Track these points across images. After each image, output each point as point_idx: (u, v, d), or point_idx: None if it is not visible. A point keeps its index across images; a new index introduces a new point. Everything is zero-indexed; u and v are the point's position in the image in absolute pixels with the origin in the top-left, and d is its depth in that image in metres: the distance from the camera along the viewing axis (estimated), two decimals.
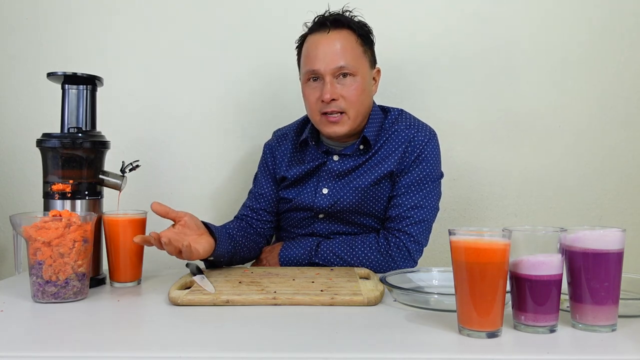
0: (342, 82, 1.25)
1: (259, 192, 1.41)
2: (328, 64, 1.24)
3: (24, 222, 0.93)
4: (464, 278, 0.75)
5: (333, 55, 1.24)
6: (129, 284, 1.09)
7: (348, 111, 1.26)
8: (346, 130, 1.27)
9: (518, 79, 1.67)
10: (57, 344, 0.74)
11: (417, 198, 1.28)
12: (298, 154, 1.38)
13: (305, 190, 1.34)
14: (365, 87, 1.28)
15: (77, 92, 1.11)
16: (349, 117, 1.26)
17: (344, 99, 1.25)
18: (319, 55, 1.25)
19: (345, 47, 1.25)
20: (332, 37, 1.26)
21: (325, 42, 1.26)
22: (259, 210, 1.40)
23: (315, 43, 1.27)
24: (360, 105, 1.27)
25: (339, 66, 1.24)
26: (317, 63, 1.25)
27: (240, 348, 0.72)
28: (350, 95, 1.25)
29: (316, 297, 0.92)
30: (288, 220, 1.39)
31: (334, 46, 1.25)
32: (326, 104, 1.25)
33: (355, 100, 1.25)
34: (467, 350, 0.71)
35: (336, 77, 1.25)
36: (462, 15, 1.66)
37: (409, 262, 1.25)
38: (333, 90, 1.24)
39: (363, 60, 1.28)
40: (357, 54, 1.26)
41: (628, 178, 1.67)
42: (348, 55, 1.25)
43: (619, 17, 1.65)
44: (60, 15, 1.68)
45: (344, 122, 1.27)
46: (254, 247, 1.33)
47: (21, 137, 1.68)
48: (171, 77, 1.69)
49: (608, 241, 0.77)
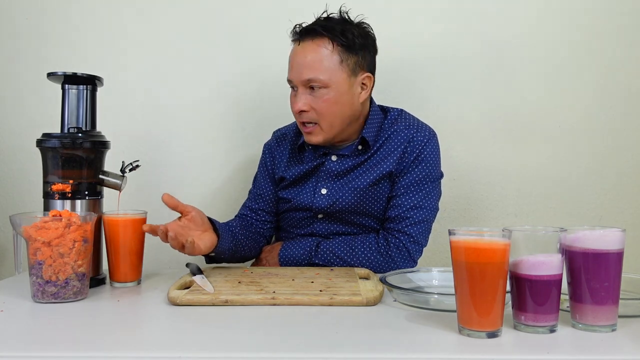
0: (314, 94, 1.23)
1: (258, 193, 1.41)
2: (298, 75, 1.24)
3: (24, 222, 0.93)
4: (464, 278, 0.75)
5: (302, 68, 1.23)
6: (129, 284, 1.09)
7: (320, 122, 1.25)
8: (321, 140, 1.27)
9: (518, 79, 1.67)
10: (57, 344, 0.74)
11: (416, 198, 1.28)
12: (297, 154, 1.38)
13: (304, 191, 1.34)
14: (340, 98, 1.24)
15: (77, 92, 1.11)
16: (322, 128, 1.26)
17: (315, 111, 1.24)
18: (293, 66, 1.26)
19: (314, 59, 1.22)
20: (304, 48, 1.24)
21: (297, 54, 1.25)
22: (258, 210, 1.40)
23: (292, 53, 1.28)
24: (333, 116, 1.25)
25: (307, 79, 1.22)
26: (290, 73, 1.26)
27: (239, 348, 0.72)
28: (320, 108, 1.24)
29: (315, 297, 0.92)
30: (287, 220, 1.39)
31: (304, 58, 1.23)
32: (299, 115, 1.26)
33: (325, 112, 1.24)
34: (467, 350, 0.71)
35: (308, 89, 1.24)
36: (462, 15, 1.66)
37: (409, 262, 1.25)
38: (303, 102, 1.24)
39: (338, 70, 1.23)
40: (330, 65, 1.22)
41: (628, 178, 1.67)
42: (318, 68, 1.22)
43: (619, 16, 1.65)
44: (61, 15, 1.68)
45: (317, 132, 1.26)
46: (255, 246, 1.34)
47: (21, 137, 1.68)
48: (171, 77, 1.68)
49: (608, 241, 0.77)
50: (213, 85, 1.69)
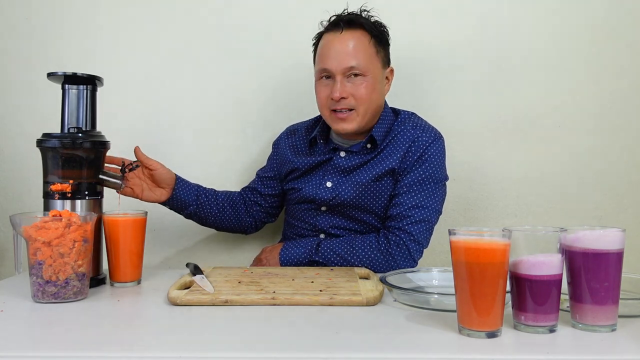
0: (353, 81, 1.28)
1: (261, 175, 1.50)
2: (339, 63, 1.27)
3: (24, 222, 0.93)
4: (464, 278, 0.75)
5: (344, 55, 1.27)
6: (129, 284, 1.09)
7: (357, 108, 1.29)
8: (355, 127, 1.30)
9: (518, 79, 1.66)
10: (57, 344, 0.74)
11: (418, 198, 1.28)
12: (307, 149, 1.42)
13: (311, 183, 1.37)
14: (376, 87, 1.30)
15: (77, 92, 1.11)
16: (358, 113, 1.29)
17: (354, 97, 1.28)
18: (331, 54, 1.28)
19: (357, 47, 1.27)
20: (345, 37, 1.29)
21: (338, 42, 1.29)
22: (254, 190, 1.49)
23: (329, 42, 1.30)
24: (370, 103, 1.29)
25: (350, 66, 1.27)
26: (329, 62, 1.28)
27: (239, 348, 0.72)
28: (360, 94, 1.28)
29: (315, 297, 0.92)
30: (293, 212, 1.43)
31: (346, 46, 1.28)
32: (336, 102, 1.28)
33: (364, 98, 1.28)
34: (467, 350, 0.71)
35: (347, 77, 1.28)
36: (462, 16, 1.66)
37: (409, 261, 1.25)
38: (343, 89, 1.27)
39: (375, 60, 1.30)
40: (368, 55, 1.28)
41: (628, 178, 1.67)
42: (359, 56, 1.27)
43: (619, 16, 1.65)
44: (61, 15, 1.67)
45: (353, 118, 1.29)
46: (236, 217, 1.47)
47: (21, 137, 1.67)
48: (171, 77, 1.68)
49: (608, 241, 0.77)
50: (213, 86, 1.68)
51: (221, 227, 1.49)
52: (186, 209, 1.39)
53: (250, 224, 1.50)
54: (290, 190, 1.43)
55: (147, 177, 1.31)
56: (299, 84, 1.63)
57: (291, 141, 1.46)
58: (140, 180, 1.29)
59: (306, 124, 1.48)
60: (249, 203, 1.49)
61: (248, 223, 1.50)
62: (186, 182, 1.38)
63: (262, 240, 1.68)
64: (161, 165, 1.30)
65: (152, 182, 1.31)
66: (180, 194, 1.36)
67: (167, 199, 1.34)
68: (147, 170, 1.29)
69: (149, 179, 1.31)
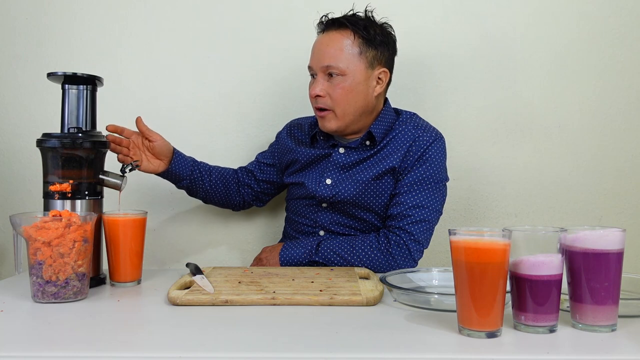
0: (331, 81, 1.30)
1: (260, 160, 1.53)
2: (317, 61, 1.31)
3: (24, 222, 0.93)
4: (464, 278, 0.75)
5: (322, 54, 1.30)
6: (129, 284, 1.09)
7: (334, 109, 1.31)
8: (334, 127, 1.32)
9: (518, 79, 1.67)
10: (57, 344, 0.74)
11: (418, 198, 1.28)
12: (308, 142, 1.44)
13: (311, 179, 1.38)
14: (355, 88, 1.30)
15: (77, 92, 1.11)
16: (335, 114, 1.31)
17: (330, 97, 1.30)
18: (314, 52, 1.34)
19: (336, 47, 1.29)
20: (327, 37, 1.32)
21: (319, 41, 1.34)
22: (250, 172, 1.51)
23: (316, 41, 1.35)
24: (347, 104, 1.30)
25: (326, 65, 1.29)
26: (311, 60, 1.34)
27: (239, 348, 0.72)
28: (336, 94, 1.30)
29: (315, 297, 0.92)
30: (294, 208, 1.44)
31: (325, 46, 1.31)
32: (315, 100, 1.32)
33: (339, 99, 1.30)
34: (467, 350, 0.71)
35: (327, 75, 1.30)
36: (461, 15, 1.66)
37: (409, 261, 1.25)
38: (319, 87, 1.30)
39: (357, 61, 1.29)
40: (348, 55, 1.29)
41: (628, 178, 1.67)
42: (337, 55, 1.28)
43: (619, 16, 1.65)
44: (61, 15, 1.67)
45: (331, 118, 1.32)
46: (225, 195, 1.49)
47: (21, 137, 1.68)
48: (171, 77, 1.68)
49: (608, 241, 0.77)
50: (213, 86, 1.69)
51: (209, 201, 1.52)
52: (180, 182, 1.42)
53: (238, 202, 1.53)
54: (291, 185, 1.44)
55: (146, 149, 1.33)
56: (299, 84, 1.63)
57: (294, 133, 1.48)
58: (140, 151, 1.32)
59: (310, 119, 1.49)
60: (241, 183, 1.52)
61: (236, 202, 1.53)
62: (182, 156, 1.41)
63: (262, 240, 1.68)
64: (161, 137, 1.33)
65: (150, 154, 1.34)
66: (175, 167, 1.38)
67: (164, 170, 1.36)
68: (148, 141, 1.32)
69: (148, 150, 1.33)
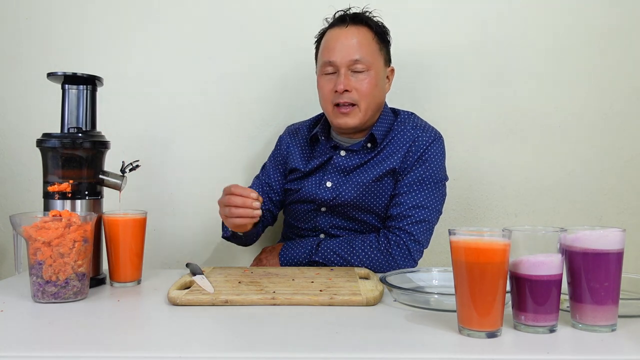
0: (356, 76, 1.29)
1: (266, 181, 1.45)
2: (344, 56, 1.29)
3: (24, 222, 0.93)
4: (464, 278, 0.75)
5: (349, 49, 1.29)
6: (129, 284, 1.09)
7: (359, 103, 1.30)
8: (356, 123, 1.31)
9: (518, 79, 1.67)
10: (57, 344, 0.74)
11: (418, 198, 1.28)
12: (308, 149, 1.42)
13: (311, 183, 1.37)
14: (378, 83, 1.31)
15: (77, 92, 1.11)
16: (360, 109, 1.30)
17: (357, 91, 1.29)
18: (337, 47, 1.30)
19: (361, 42, 1.29)
20: (350, 31, 1.31)
21: (344, 36, 1.31)
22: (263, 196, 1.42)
23: (334, 36, 1.32)
24: (372, 98, 1.30)
25: (354, 59, 1.28)
26: (334, 55, 1.30)
27: (239, 348, 0.72)
28: (363, 88, 1.29)
29: (315, 297, 0.92)
30: (293, 213, 1.42)
31: (351, 40, 1.29)
32: (339, 95, 1.29)
33: (367, 93, 1.29)
34: (467, 350, 0.71)
35: (351, 70, 1.29)
36: (462, 16, 1.66)
37: (409, 261, 1.25)
38: (347, 82, 1.28)
39: (378, 57, 1.32)
40: (372, 50, 1.30)
41: (628, 178, 1.67)
42: (364, 50, 1.29)
43: (619, 17, 1.65)
44: (60, 15, 1.67)
45: (355, 114, 1.30)
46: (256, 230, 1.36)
47: (21, 137, 1.68)
48: (171, 77, 1.68)
49: (608, 241, 0.77)
50: (213, 86, 1.69)
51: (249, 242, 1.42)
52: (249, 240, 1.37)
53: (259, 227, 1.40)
54: (289, 191, 1.43)
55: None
56: (299, 84, 1.63)
57: (294, 141, 1.46)
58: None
59: (307, 123, 1.48)
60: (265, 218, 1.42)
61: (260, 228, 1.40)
62: None
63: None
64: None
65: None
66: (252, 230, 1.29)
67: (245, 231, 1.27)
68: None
69: None
